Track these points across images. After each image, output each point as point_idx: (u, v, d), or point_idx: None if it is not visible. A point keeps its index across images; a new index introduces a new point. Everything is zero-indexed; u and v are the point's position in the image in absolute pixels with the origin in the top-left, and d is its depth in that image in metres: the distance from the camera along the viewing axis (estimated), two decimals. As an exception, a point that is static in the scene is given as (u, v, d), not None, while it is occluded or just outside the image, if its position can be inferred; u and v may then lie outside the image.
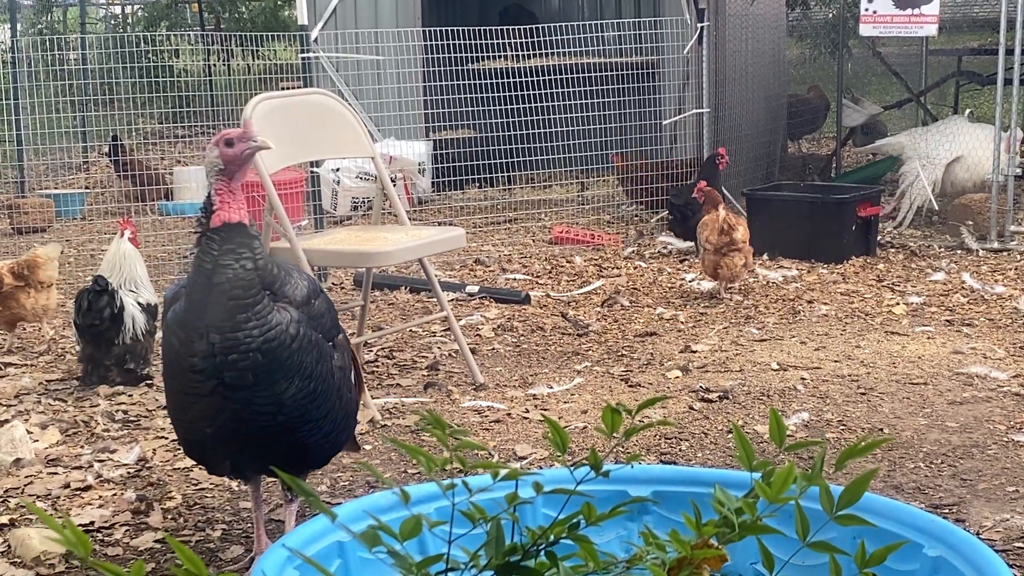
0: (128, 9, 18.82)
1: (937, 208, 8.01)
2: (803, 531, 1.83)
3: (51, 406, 4.58)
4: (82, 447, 4.11)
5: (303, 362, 2.85)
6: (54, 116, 8.54)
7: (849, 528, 1.92)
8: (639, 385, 4.70)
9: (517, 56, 8.96)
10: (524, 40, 8.56)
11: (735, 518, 1.83)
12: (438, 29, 8.46)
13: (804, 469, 1.90)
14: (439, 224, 7.62)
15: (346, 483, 3.72)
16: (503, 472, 1.95)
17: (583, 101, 8.55)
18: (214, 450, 2.95)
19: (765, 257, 6.99)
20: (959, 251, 7.20)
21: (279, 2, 17.93)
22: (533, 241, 7.89)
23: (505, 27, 8.53)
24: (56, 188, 9.68)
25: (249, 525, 3.40)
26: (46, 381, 4.90)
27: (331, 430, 2.99)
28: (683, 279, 6.64)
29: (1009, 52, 7.35)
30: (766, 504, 1.86)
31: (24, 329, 5.76)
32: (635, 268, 6.97)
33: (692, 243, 6.91)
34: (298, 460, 2.96)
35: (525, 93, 8.58)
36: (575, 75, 8.75)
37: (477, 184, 9.12)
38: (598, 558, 1.88)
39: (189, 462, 3.81)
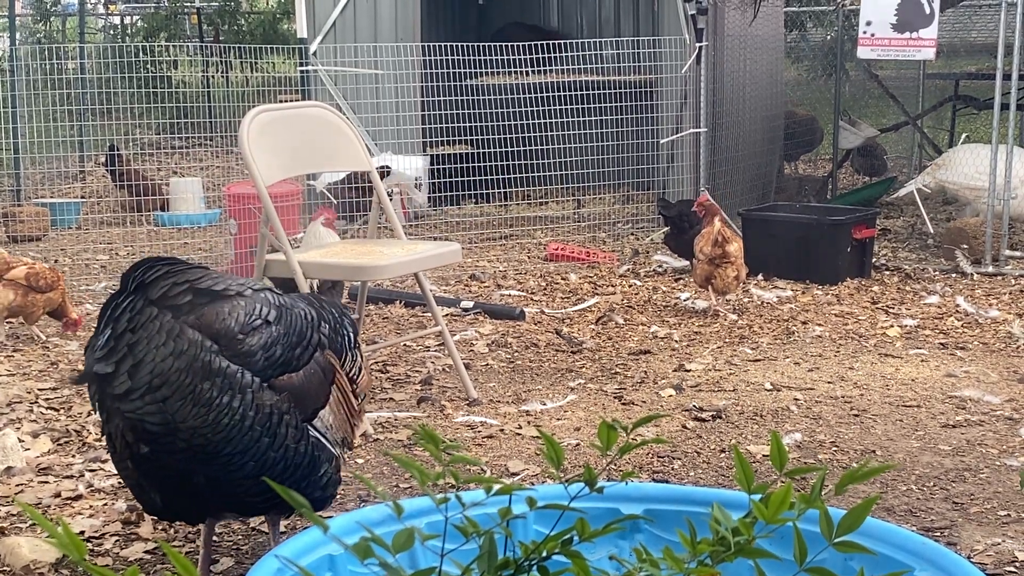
0: (127, 19, 18.86)
1: (932, 231, 8.01)
2: (800, 556, 1.82)
3: (43, 415, 4.57)
4: (73, 456, 4.10)
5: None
6: (51, 125, 8.55)
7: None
8: (632, 403, 4.70)
9: (515, 72, 8.98)
10: (522, 56, 8.58)
11: (731, 538, 1.82)
12: (437, 44, 8.48)
13: (800, 491, 1.89)
14: (435, 239, 7.63)
15: (338, 496, 3.71)
16: (497, 487, 1.95)
17: (581, 119, 8.57)
18: (198, 507, 2.92)
19: (760, 277, 6.99)
20: (954, 275, 7.22)
21: (278, 15, 17.96)
22: (528, 257, 7.90)
23: (504, 43, 8.55)
24: (52, 197, 9.68)
25: (240, 537, 3.40)
26: (38, 390, 4.89)
27: (275, 469, 2.81)
28: (678, 298, 6.64)
29: (1007, 77, 7.37)
30: (762, 525, 1.85)
31: (17, 338, 5.75)
32: (630, 286, 6.97)
33: (688, 262, 6.92)
34: (278, 501, 2.83)
35: (522, 110, 8.60)
36: (573, 92, 8.76)
37: (473, 200, 9.14)
38: (591, 574, 1.87)
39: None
